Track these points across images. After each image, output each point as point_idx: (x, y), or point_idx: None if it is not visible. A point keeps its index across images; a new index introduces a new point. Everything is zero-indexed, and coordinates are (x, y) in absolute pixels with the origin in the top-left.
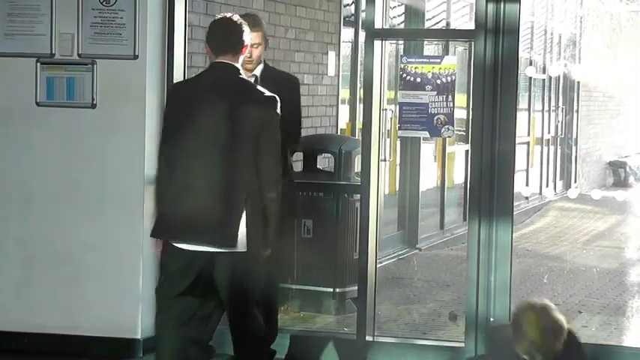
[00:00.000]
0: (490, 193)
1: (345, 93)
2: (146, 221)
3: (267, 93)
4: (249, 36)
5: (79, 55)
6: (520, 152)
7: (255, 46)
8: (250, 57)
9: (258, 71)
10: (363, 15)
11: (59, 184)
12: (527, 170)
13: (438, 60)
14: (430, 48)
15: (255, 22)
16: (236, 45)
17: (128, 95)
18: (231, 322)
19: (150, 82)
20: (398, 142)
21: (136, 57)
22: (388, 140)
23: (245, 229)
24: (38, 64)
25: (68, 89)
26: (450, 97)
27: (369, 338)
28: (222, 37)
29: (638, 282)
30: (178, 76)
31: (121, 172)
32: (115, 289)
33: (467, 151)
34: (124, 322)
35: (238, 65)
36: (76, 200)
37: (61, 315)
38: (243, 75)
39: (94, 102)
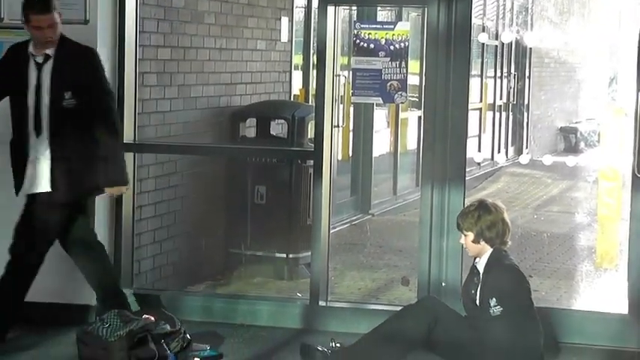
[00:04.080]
0: (443, 158)
1: (298, 59)
2: None
3: None
4: None
5: None
6: (472, 118)
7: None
8: (52, 38)
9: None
10: None
11: None
12: (479, 136)
13: (392, 26)
14: (383, 14)
15: (46, 8)
16: None
17: None
18: None
19: (101, 47)
20: (351, 108)
21: (86, 22)
22: (341, 106)
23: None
24: None
25: None
26: (403, 63)
27: (322, 303)
28: None
29: (588, 246)
30: (130, 41)
31: None
32: (65, 257)
33: (420, 117)
34: (76, 289)
35: None
36: None
37: None
38: None
39: None
